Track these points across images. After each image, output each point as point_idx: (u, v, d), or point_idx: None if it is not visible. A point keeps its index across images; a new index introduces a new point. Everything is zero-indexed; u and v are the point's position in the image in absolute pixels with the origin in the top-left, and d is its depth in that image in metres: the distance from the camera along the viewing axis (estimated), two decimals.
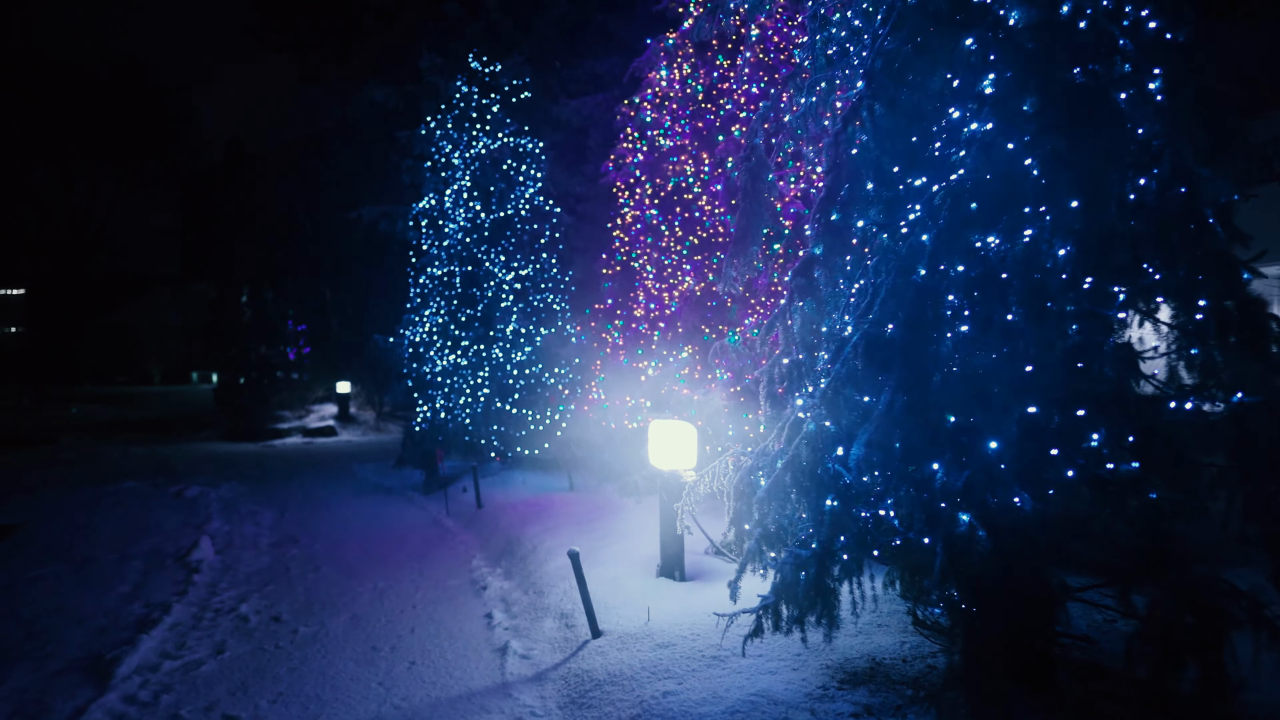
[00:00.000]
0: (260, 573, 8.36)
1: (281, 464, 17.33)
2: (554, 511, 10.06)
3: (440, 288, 13.42)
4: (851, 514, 3.61)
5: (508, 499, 11.29)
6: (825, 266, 3.81)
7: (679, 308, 10.51)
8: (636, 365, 11.29)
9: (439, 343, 13.39)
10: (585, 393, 12.21)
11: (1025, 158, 3.39)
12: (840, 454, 3.68)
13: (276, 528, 10.69)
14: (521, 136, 13.71)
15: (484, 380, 13.19)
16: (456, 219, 13.48)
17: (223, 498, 13.04)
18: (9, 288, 59.13)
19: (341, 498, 12.96)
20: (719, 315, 10.07)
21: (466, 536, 9.96)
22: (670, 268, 10.93)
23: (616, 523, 9.06)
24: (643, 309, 11.25)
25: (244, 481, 14.80)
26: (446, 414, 13.28)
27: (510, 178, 13.58)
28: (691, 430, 6.79)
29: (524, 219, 13.50)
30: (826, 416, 3.74)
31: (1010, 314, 3.36)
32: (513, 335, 13.09)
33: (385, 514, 11.59)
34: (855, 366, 3.74)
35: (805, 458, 3.78)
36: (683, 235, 10.75)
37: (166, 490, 13.45)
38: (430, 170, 13.60)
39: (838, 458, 3.68)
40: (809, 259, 3.82)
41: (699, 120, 10.19)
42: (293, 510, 11.98)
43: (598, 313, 12.53)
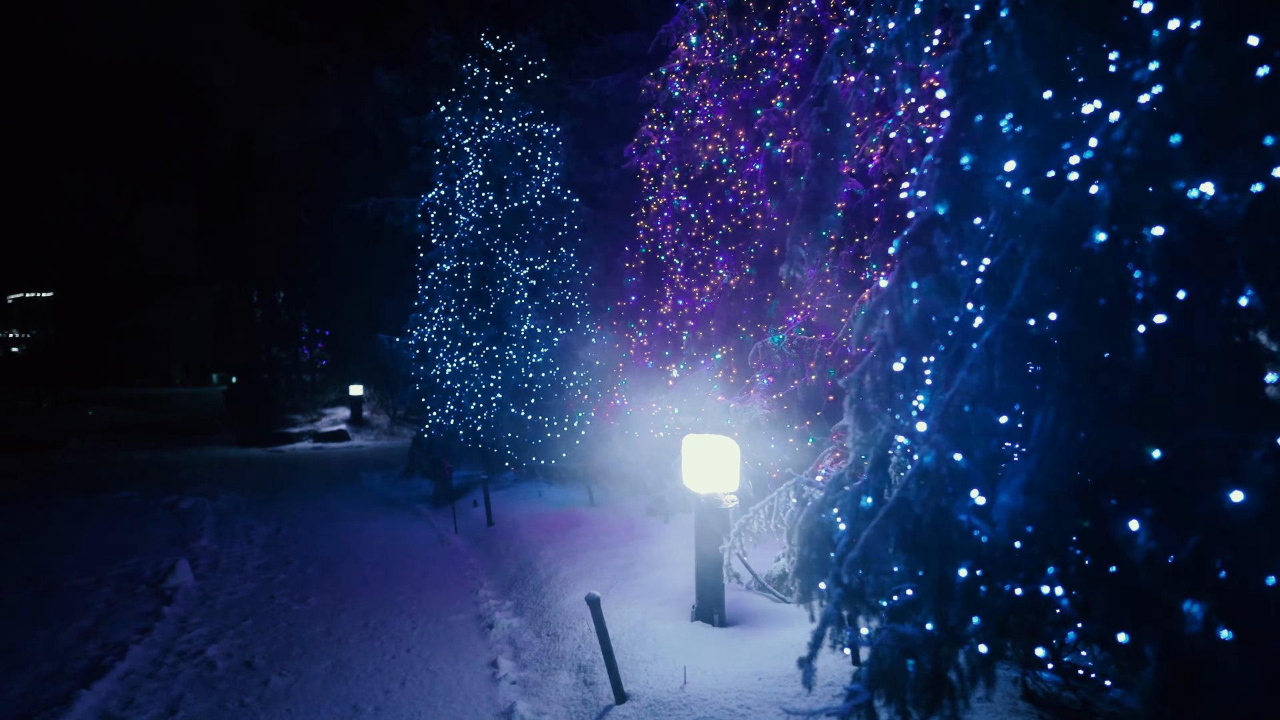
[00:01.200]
0: (241, 603, 7.40)
1: (287, 471, 16.48)
2: (572, 531, 9.02)
3: (450, 284, 12.45)
4: (995, 588, 2.52)
5: (521, 515, 10.26)
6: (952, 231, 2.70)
7: (711, 304, 9.43)
8: (663, 368, 10.24)
9: (448, 343, 12.41)
10: (606, 398, 11.16)
11: (1261, 63, 2.27)
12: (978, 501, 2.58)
13: (269, 546, 9.75)
14: (537, 121, 12.70)
15: (497, 384, 12.19)
16: (467, 210, 12.51)
17: (219, 510, 12.16)
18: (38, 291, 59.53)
19: (344, 511, 12.03)
20: (757, 312, 8.97)
21: (474, 559, 8.94)
22: (701, 260, 9.87)
23: (643, 547, 7.99)
24: (670, 306, 10.19)
25: (245, 491, 13.93)
26: (457, 420, 12.30)
27: (525, 165, 12.58)
28: (733, 447, 5.71)
29: (540, 209, 12.48)
30: (951, 445, 2.64)
31: (1243, 294, 2.25)
32: (528, 335, 12.08)
33: (389, 530, 10.62)
34: (990, 374, 2.63)
35: (921, 503, 2.68)
36: (715, 223, 9.69)
37: (161, 501, 12.60)
38: (439, 158, 12.63)
39: (974, 507, 2.58)
40: (927, 221, 2.71)
41: (734, 93, 9.10)
42: (290, 525, 11.06)
43: (620, 310, 11.49)
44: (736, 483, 5.76)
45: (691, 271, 10.11)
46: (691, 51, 9.47)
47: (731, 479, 5.75)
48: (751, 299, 8.87)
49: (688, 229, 10.10)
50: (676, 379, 9.86)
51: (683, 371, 9.87)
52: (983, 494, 2.62)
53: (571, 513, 10.07)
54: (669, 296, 10.35)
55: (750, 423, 7.70)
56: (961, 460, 2.66)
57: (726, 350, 9.03)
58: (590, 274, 12.50)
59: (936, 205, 2.68)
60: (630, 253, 11.25)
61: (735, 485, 5.78)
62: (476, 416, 12.27)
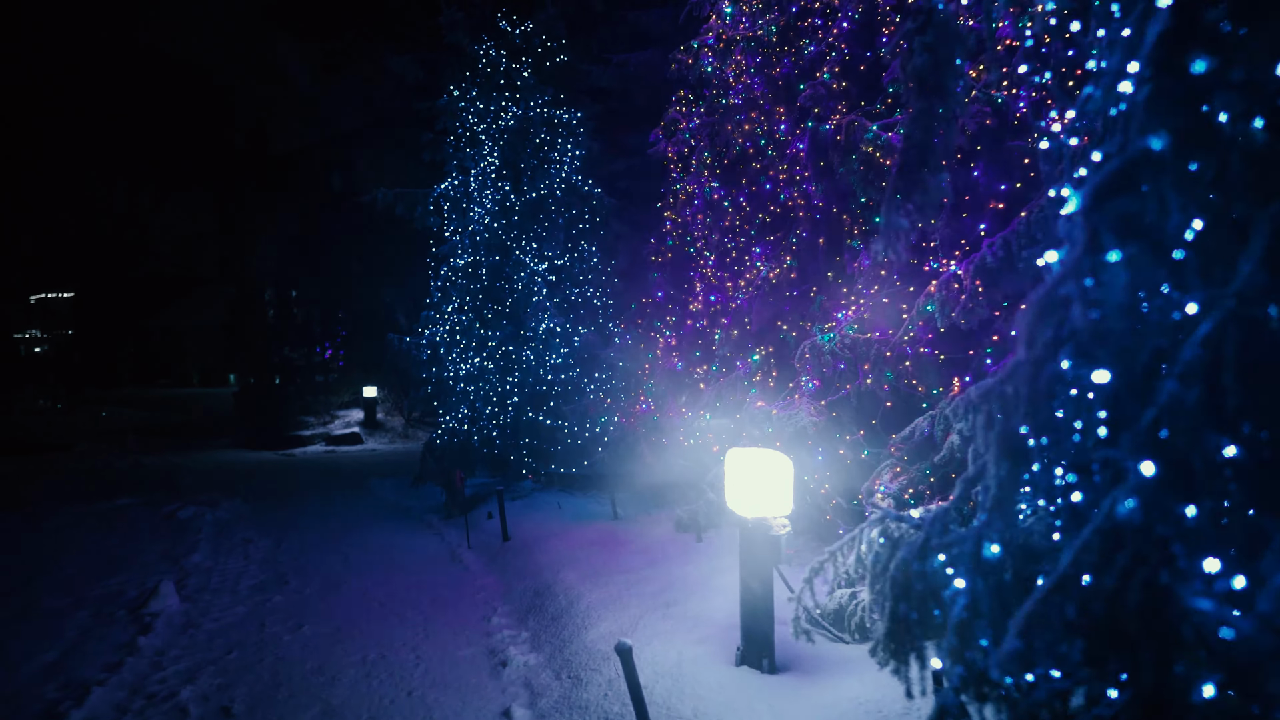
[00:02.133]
0: (227, 631, 6.65)
1: (296, 477, 15.82)
2: (595, 549, 8.20)
3: (463, 280, 11.69)
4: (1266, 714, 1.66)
5: (539, 529, 9.46)
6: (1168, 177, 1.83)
7: (746, 300, 8.58)
8: (694, 370, 9.41)
9: (462, 343, 11.65)
10: (631, 402, 10.35)
11: None
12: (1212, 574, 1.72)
13: (268, 562, 9.03)
14: (556, 105, 11.91)
15: (513, 386, 11.41)
16: (482, 201, 11.74)
17: (219, 520, 11.48)
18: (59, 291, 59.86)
19: (351, 521, 11.30)
20: (799, 308, 8.10)
21: (488, 579, 8.14)
22: (735, 252, 9.03)
23: (674, 570, 7.15)
24: (700, 302, 9.36)
25: (249, 499, 13.27)
26: (470, 425, 11.53)
27: (543, 153, 11.79)
28: (785, 465, 4.86)
29: (559, 200, 11.69)
30: (1164, 489, 1.77)
31: None
32: (546, 334, 11.29)
33: (396, 544, 9.85)
34: (1216, 384, 1.76)
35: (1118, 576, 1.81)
36: (751, 211, 8.84)
37: (160, 510, 11.96)
38: (453, 146, 11.87)
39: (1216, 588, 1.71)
40: (1132, 160, 1.83)
41: (773, 67, 8.24)
42: (293, 537, 10.34)
43: (645, 308, 10.67)
44: (790, 505, 4.91)
45: (724, 265, 9.27)
46: (725, 23, 8.63)
47: (784, 501, 4.89)
48: (793, 294, 8.01)
49: (720, 218, 9.26)
50: (708, 382, 9.02)
51: (715, 374, 9.03)
52: (1223, 565, 1.75)
53: (594, 527, 9.25)
54: (699, 292, 9.52)
55: (795, 432, 6.84)
56: (1187, 511, 1.79)
57: (765, 351, 8.18)
58: (613, 269, 11.69)
59: (1147, 139, 1.82)
60: (656, 245, 10.43)
61: (788, 508, 4.92)
62: (491, 421, 11.50)
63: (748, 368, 8.22)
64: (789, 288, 8.03)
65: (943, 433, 5.67)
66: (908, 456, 6.12)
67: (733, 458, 5.10)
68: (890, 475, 6.19)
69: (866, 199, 6.91)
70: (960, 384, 5.65)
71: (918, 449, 5.99)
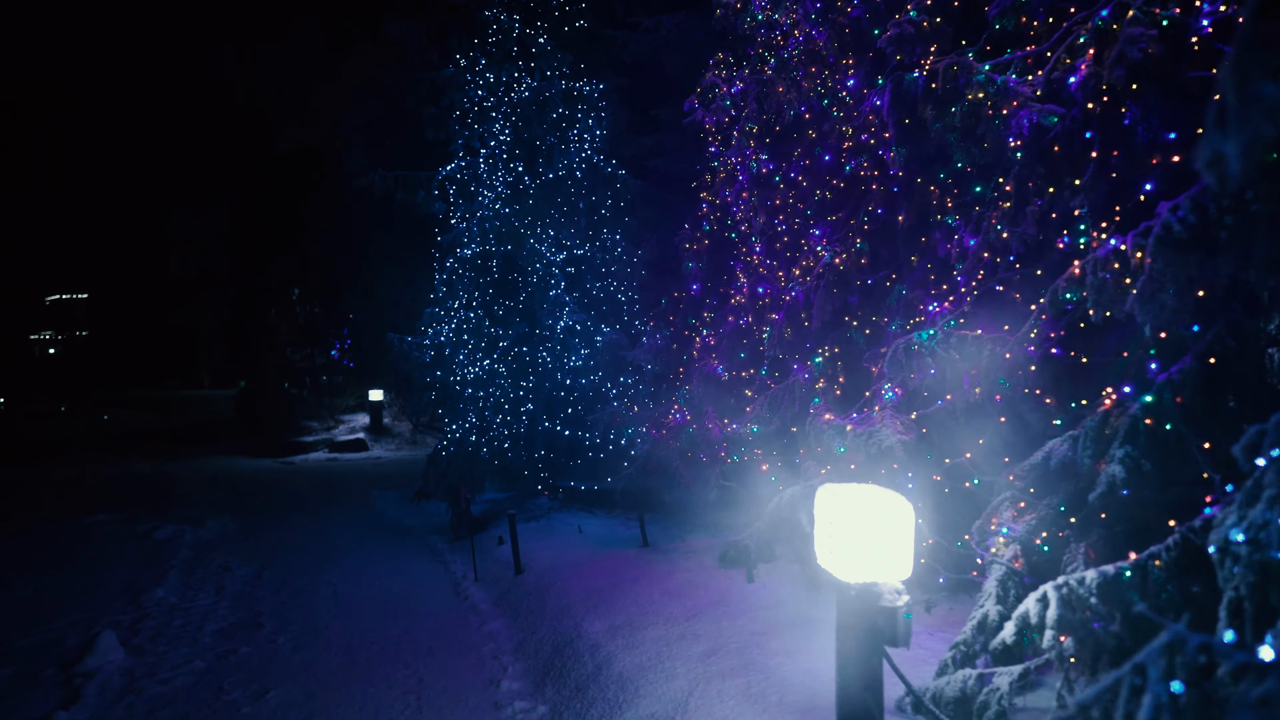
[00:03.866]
0: (174, 700, 5.37)
1: (293, 488, 14.63)
2: (625, 588, 6.87)
3: (471, 273, 10.41)
4: None
5: (557, 559, 8.16)
6: None
7: (803, 291, 7.21)
8: (738, 374, 8.05)
9: (470, 343, 10.38)
10: (662, 411, 9.00)
11: None
12: None
13: (243, 597, 7.78)
14: (576, 76, 10.62)
15: (527, 392, 10.11)
16: (493, 184, 10.46)
17: (199, 541, 10.28)
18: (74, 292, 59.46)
19: (346, 543, 10.05)
20: (872, 301, 6.74)
21: (497, 623, 6.84)
22: (788, 235, 7.68)
23: (725, 622, 5.81)
24: (745, 295, 8.02)
25: (238, 513, 12.07)
26: (479, 435, 10.24)
27: (561, 130, 10.50)
28: (904, 512, 3.46)
29: (579, 183, 10.39)
30: None
31: None
32: (564, 334, 9.99)
33: (393, 573, 8.58)
34: None
35: None
36: (808, 187, 7.49)
37: (137, 528, 10.77)
38: (459, 123, 10.59)
39: None
40: None
41: (839, 12, 6.87)
42: (278, 564, 9.10)
43: (678, 302, 9.35)
44: (909, 567, 3.54)
45: (774, 251, 7.92)
46: None
47: (901, 562, 3.51)
48: (867, 282, 6.63)
49: (769, 196, 7.91)
50: (757, 389, 7.67)
51: (764, 379, 7.68)
52: None
53: (621, 558, 7.93)
54: (743, 284, 8.16)
55: (877, 453, 5.47)
56: None
57: (828, 351, 6.81)
58: (640, 259, 10.35)
59: None
60: (691, 231, 9.10)
61: (907, 570, 3.55)
62: (502, 431, 10.20)
63: (807, 372, 6.86)
64: (858, 276, 6.65)
65: (1092, 459, 4.31)
66: (1035, 488, 4.76)
67: (826, 498, 3.72)
68: (1012, 512, 4.83)
69: (966, 163, 5.54)
70: (1115, 395, 4.27)
71: (1050, 478, 4.63)
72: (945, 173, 6.05)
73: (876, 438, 5.51)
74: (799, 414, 6.75)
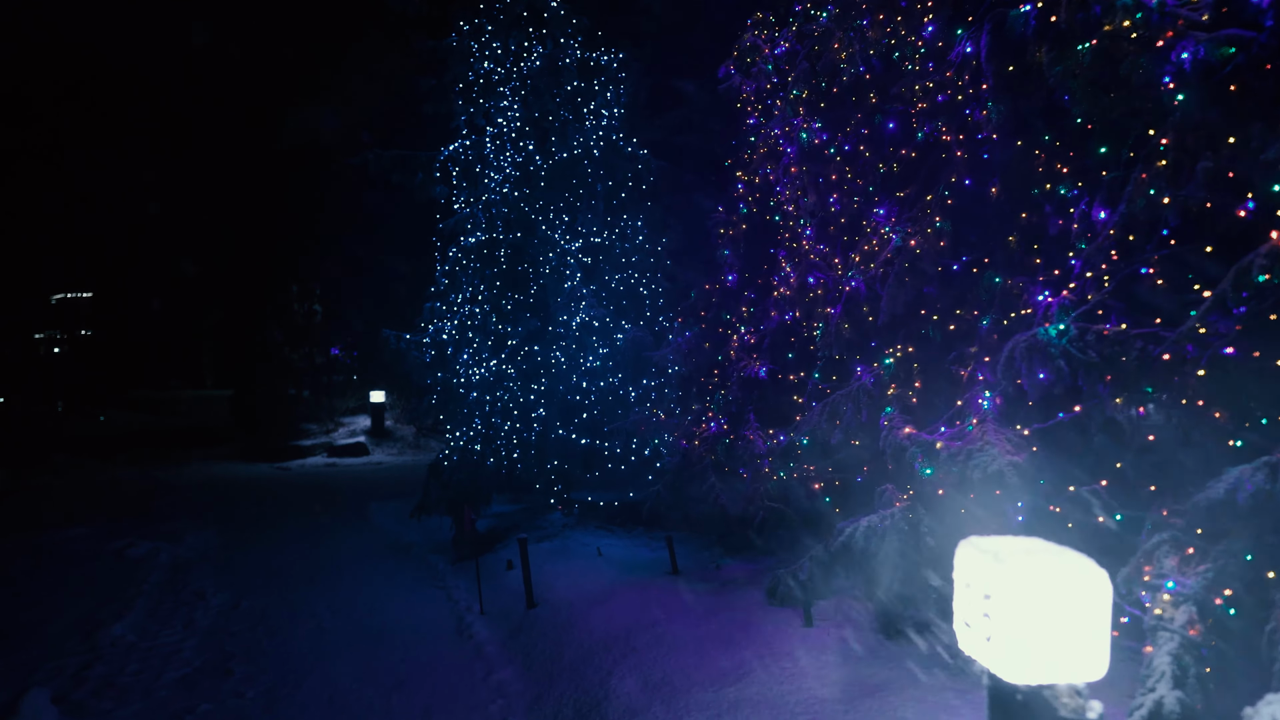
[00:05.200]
0: None
1: (286, 498, 13.64)
2: (658, 628, 5.82)
3: (477, 263, 9.38)
4: None
5: (576, 588, 7.11)
6: None
7: (864, 281, 6.14)
8: (785, 378, 6.99)
9: (475, 342, 9.34)
10: (693, 418, 7.93)
11: None
12: None
13: (215, 633, 6.77)
14: (593, 45, 9.55)
15: (539, 396, 9.07)
16: (500, 165, 9.42)
17: (176, 561, 9.28)
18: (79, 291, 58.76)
19: (338, 564, 9.03)
20: (957, 291, 5.66)
21: (507, 671, 5.79)
22: (845, 216, 6.62)
23: (789, 685, 4.74)
24: (792, 286, 6.96)
25: (223, 528, 11.09)
26: (485, 444, 9.19)
27: (576, 104, 9.44)
28: (1099, 586, 2.38)
29: (597, 162, 9.34)
30: None
31: None
32: (581, 331, 8.94)
33: (389, 603, 7.55)
34: None
35: None
36: (870, 158, 6.42)
37: (109, 545, 9.79)
38: (463, 96, 9.53)
39: None
40: None
41: None
42: (260, 589, 8.10)
43: (710, 295, 8.30)
44: (1105, 664, 2.45)
45: (827, 235, 6.85)
46: None
47: (1093, 656, 2.43)
48: (952, 269, 5.54)
49: (821, 172, 6.85)
50: (809, 394, 6.60)
51: (818, 383, 6.60)
52: None
53: (649, 588, 6.87)
54: (788, 273, 7.09)
55: (981, 478, 4.39)
56: None
57: (900, 351, 5.73)
58: (665, 248, 9.28)
59: None
60: (726, 215, 8.05)
61: (1101, 669, 2.46)
62: (511, 439, 9.16)
63: (872, 375, 5.77)
64: (937, 261, 5.56)
65: None
66: (1206, 528, 3.69)
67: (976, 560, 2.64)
68: (1174, 559, 3.75)
69: (1090, 117, 4.45)
70: None
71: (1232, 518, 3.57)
72: (1054, 133, 4.95)
73: (979, 459, 4.43)
74: (866, 425, 5.67)
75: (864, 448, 5.89)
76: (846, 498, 6.58)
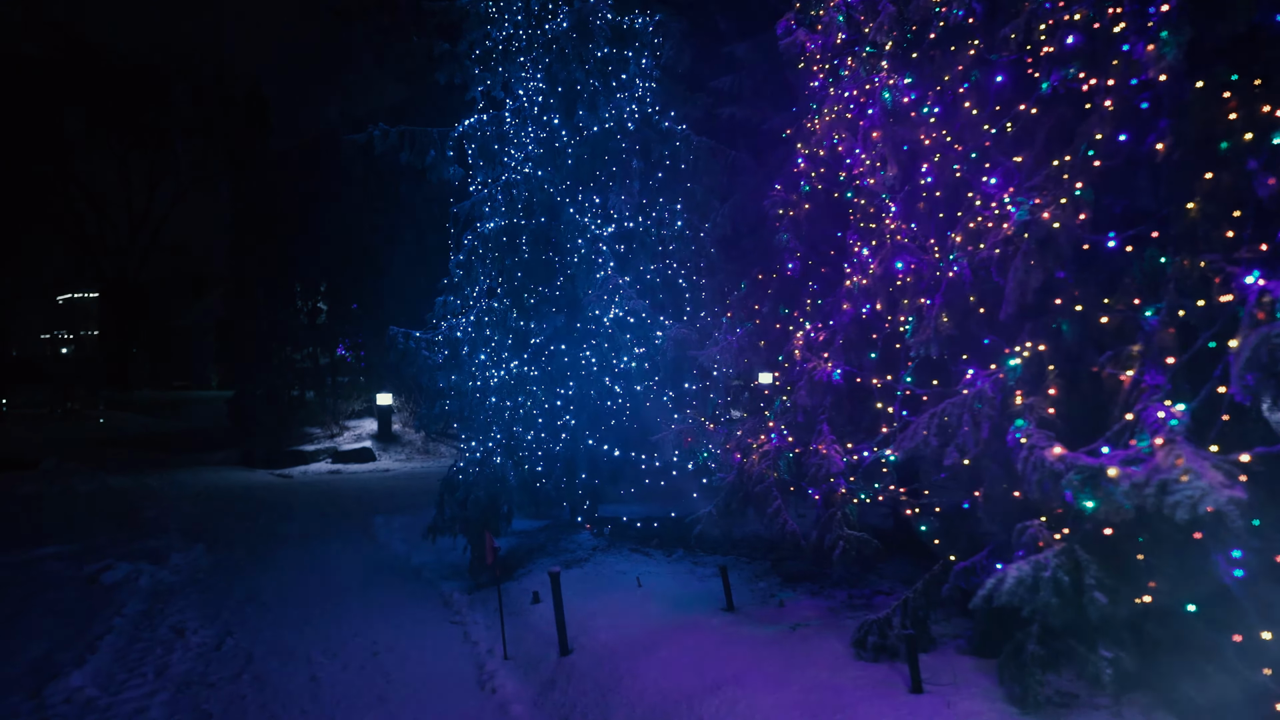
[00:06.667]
0: None
1: (285, 509, 12.61)
2: (724, 691, 4.75)
3: (496, 252, 8.33)
4: None
5: (616, 630, 6.02)
6: None
7: (970, 265, 5.05)
8: (866, 382, 5.90)
9: (494, 340, 8.28)
10: (749, 429, 6.83)
11: None
12: None
13: (190, 684, 5.72)
14: (625, 9, 8.48)
15: (567, 402, 8.01)
16: (521, 141, 8.37)
17: (157, 587, 8.27)
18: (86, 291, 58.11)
19: (338, 591, 8.00)
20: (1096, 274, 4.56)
21: None
22: (942, 189, 5.55)
23: None
24: (871, 273, 5.88)
25: (214, 545, 10.08)
26: (506, 455, 8.12)
27: (607, 73, 8.37)
28: None
29: (631, 137, 8.26)
30: None
31: None
32: (614, 327, 7.87)
33: (396, 642, 6.50)
34: None
35: None
36: (976, 118, 5.34)
37: (84, 569, 8.78)
38: (480, 64, 8.48)
39: None
40: None
41: None
42: (247, 624, 7.06)
43: (764, 286, 7.22)
44: None
45: (917, 212, 5.78)
46: None
47: None
48: (1105, 245, 4.42)
49: (909, 136, 5.77)
50: (902, 401, 5.51)
51: (910, 388, 5.52)
52: None
53: (705, 632, 5.78)
54: (866, 259, 6.01)
55: (1187, 517, 3.28)
56: None
57: (1028, 350, 4.62)
58: (709, 234, 8.18)
59: None
60: (784, 194, 6.97)
61: None
62: (535, 451, 8.10)
63: (990, 380, 4.66)
64: (1080, 238, 4.46)
65: None
66: None
67: None
68: None
69: None
70: None
71: None
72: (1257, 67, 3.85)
73: (1181, 492, 3.32)
74: (989, 441, 4.56)
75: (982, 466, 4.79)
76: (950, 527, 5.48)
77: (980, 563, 4.63)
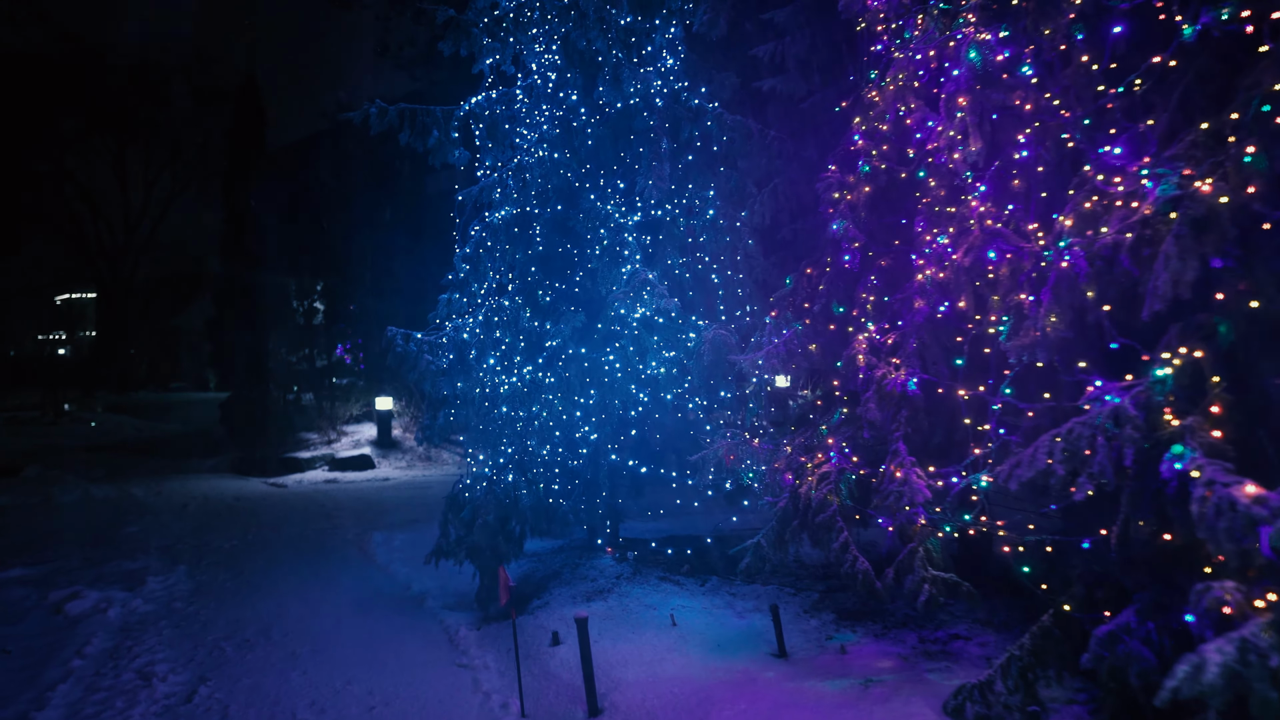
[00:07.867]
0: None
1: (277, 523, 11.71)
2: None
3: (506, 244, 7.43)
4: None
5: (651, 683, 5.13)
6: None
7: (1087, 255, 4.14)
8: (950, 394, 5.01)
9: (505, 342, 7.39)
10: (799, 445, 5.93)
11: None
12: None
13: None
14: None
15: (586, 413, 7.10)
16: (536, 119, 7.47)
17: (127, 618, 7.38)
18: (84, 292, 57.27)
19: (329, 626, 7.09)
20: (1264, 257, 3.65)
21: None
22: (1044, 164, 4.65)
23: None
24: (950, 267, 4.99)
25: (197, 565, 9.20)
26: (517, 472, 7.22)
27: (630, 44, 7.48)
28: None
29: (660, 114, 7.36)
30: None
31: None
32: (640, 328, 6.96)
33: (395, 694, 5.60)
34: None
35: None
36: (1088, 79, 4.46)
37: (49, 596, 7.89)
38: (489, 34, 7.58)
39: None
40: None
41: None
42: (225, 665, 6.16)
43: (814, 281, 6.32)
44: None
45: (1011, 191, 4.88)
46: None
47: None
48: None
49: (1000, 103, 4.88)
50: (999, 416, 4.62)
51: (1009, 400, 4.63)
52: None
53: (757, 687, 4.89)
54: (945, 248, 5.11)
55: None
56: None
57: (1182, 357, 3.72)
58: (746, 223, 7.27)
59: None
60: (839, 176, 6.08)
61: None
62: (552, 468, 7.19)
63: (1128, 396, 3.76)
64: (1252, 216, 3.57)
65: None
66: None
67: None
68: None
69: None
70: None
71: None
72: None
73: None
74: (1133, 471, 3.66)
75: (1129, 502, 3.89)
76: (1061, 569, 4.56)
77: (1129, 624, 3.71)
